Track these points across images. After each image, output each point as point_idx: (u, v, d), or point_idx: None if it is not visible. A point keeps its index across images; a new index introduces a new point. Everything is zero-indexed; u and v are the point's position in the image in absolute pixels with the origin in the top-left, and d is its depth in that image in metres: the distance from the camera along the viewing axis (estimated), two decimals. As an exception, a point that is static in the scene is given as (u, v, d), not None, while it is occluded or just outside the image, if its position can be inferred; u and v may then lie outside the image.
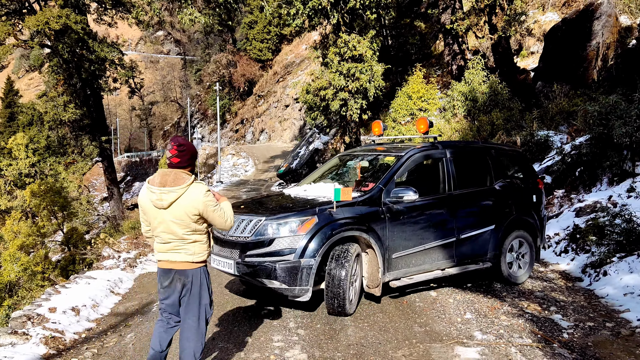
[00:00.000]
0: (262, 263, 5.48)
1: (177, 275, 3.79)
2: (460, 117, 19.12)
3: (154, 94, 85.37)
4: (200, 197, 3.66)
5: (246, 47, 56.79)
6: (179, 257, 3.76)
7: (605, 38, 16.00)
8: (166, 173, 3.70)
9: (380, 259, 5.83)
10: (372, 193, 6.01)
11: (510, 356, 4.70)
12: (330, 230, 5.55)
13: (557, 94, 15.56)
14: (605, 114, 9.39)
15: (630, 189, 8.66)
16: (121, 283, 7.80)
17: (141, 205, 3.82)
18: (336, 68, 16.08)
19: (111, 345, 5.25)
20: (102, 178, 33.15)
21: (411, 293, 6.59)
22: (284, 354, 4.82)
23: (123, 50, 24.05)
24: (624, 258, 7.07)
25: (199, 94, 69.67)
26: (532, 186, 7.41)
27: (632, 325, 5.51)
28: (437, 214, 6.42)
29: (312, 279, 5.45)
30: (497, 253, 6.84)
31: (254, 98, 55.80)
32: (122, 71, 23.81)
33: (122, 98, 73.58)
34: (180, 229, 3.69)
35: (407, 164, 6.42)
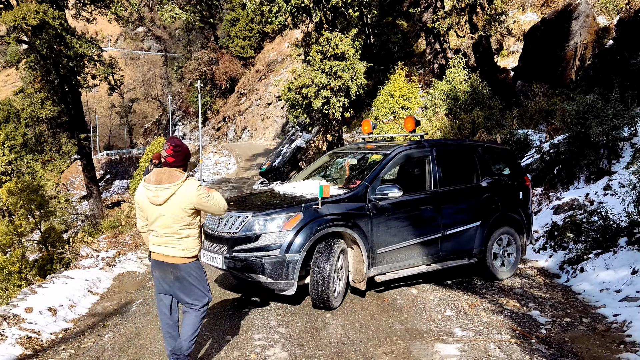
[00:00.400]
0: (249, 258, 5.61)
1: (170, 268, 4.03)
2: (441, 115, 19.25)
3: (135, 91, 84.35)
4: (193, 191, 3.94)
5: (228, 44, 56.45)
6: (172, 251, 4.00)
7: (583, 38, 16.24)
8: (161, 172, 3.96)
9: (365, 254, 5.96)
10: (358, 190, 6.12)
11: (489, 352, 4.75)
12: (315, 226, 5.68)
13: (536, 93, 15.76)
14: (582, 113, 9.53)
15: (607, 187, 8.80)
16: (99, 282, 7.69)
17: (138, 202, 4.07)
18: (318, 66, 16.06)
19: (88, 346, 5.18)
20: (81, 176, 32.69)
21: (395, 288, 6.62)
22: (265, 352, 4.80)
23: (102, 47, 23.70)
24: (600, 255, 7.19)
25: (180, 92, 69.05)
26: (519, 183, 7.53)
27: (608, 321, 5.61)
28: (422, 210, 6.54)
29: (297, 273, 5.57)
30: (482, 249, 6.97)
31: (236, 96, 55.51)
32: (101, 68, 23.49)
33: (101, 95, 72.65)
34: (176, 223, 3.95)
35: (392, 162, 6.53)
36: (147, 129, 77.50)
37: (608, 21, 18.78)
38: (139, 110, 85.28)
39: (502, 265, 7.29)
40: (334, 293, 5.83)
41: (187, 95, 63.50)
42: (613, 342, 5.05)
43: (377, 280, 6.24)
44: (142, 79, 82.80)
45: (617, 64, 13.20)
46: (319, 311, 5.86)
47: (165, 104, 70.55)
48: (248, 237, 5.69)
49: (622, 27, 14.27)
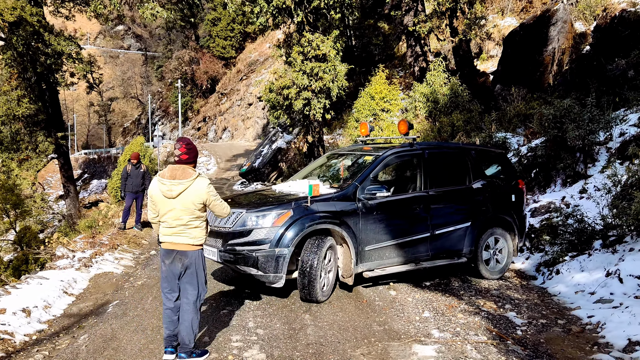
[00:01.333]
0: (242, 251, 5.93)
1: (178, 255, 4.47)
2: (422, 118, 19.38)
3: (114, 90, 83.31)
4: (204, 188, 4.44)
5: (209, 44, 56.10)
6: (181, 239, 4.45)
7: (560, 43, 16.51)
8: (175, 168, 4.43)
9: (352, 250, 6.22)
10: (348, 190, 6.40)
11: (466, 353, 4.79)
12: (304, 223, 5.97)
13: (514, 97, 15.97)
14: (559, 117, 9.68)
15: (583, 190, 8.95)
16: (75, 283, 7.56)
17: (152, 195, 4.49)
18: (299, 67, 16.04)
19: (63, 348, 5.08)
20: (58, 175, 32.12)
21: (373, 289, 6.63)
22: (243, 354, 4.77)
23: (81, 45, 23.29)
24: (576, 257, 7.30)
25: (160, 91, 68.37)
26: (511, 186, 7.68)
27: (583, 322, 5.70)
28: (411, 210, 6.74)
29: (285, 266, 5.86)
30: (472, 249, 7.16)
31: (216, 96, 55.17)
32: (79, 65, 23.09)
33: (79, 93, 71.56)
34: (186, 215, 4.40)
35: (383, 164, 6.79)
36: (126, 128, 76.55)
37: (585, 27, 19.13)
38: (118, 109, 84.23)
39: (493, 265, 7.45)
40: (321, 287, 6.07)
41: (167, 95, 62.90)
42: (587, 343, 5.13)
43: (364, 276, 6.46)
44: (122, 78, 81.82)
45: (593, 70, 13.45)
46: (298, 312, 5.85)
47: (145, 103, 69.81)
48: (241, 232, 6.01)
49: (599, 33, 14.54)
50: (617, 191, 7.47)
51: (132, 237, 11.51)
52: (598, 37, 14.52)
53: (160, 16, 17.79)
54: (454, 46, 20.45)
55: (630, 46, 11.52)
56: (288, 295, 6.49)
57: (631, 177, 7.25)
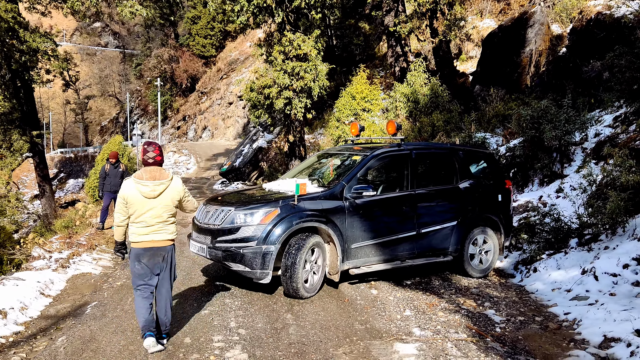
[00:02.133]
0: (229, 248, 6.11)
1: (159, 251, 4.82)
2: (402, 118, 19.51)
3: (91, 88, 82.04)
4: (180, 187, 4.92)
5: (189, 42, 55.59)
6: (161, 236, 4.82)
7: (538, 45, 16.77)
8: (153, 170, 4.76)
9: (339, 248, 6.36)
10: (335, 189, 6.55)
11: (446, 351, 4.84)
12: (291, 221, 6.11)
13: (493, 98, 16.17)
14: (537, 118, 9.85)
15: (559, 190, 9.12)
16: (52, 284, 7.43)
17: (127, 197, 4.71)
18: (280, 66, 16.01)
19: (41, 350, 5.00)
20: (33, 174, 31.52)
21: (355, 288, 6.66)
22: (225, 354, 4.75)
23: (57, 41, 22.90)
24: (553, 255, 7.44)
25: (139, 89, 67.55)
26: (498, 186, 7.80)
27: (559, 319, 5.81)
28: (398, 209, 6.87)
29: (272, 263, 6.00)
30: (458, 247, 7.29)
31: (196, 95, 54.75)
32: (55, 63, 22.68)
33: (55, 91, 70.38)
34: (166, 212, 4.81)
35: (370, 164, 6.93)
36: (104, 127, 75.48)
37: (562, 29, 19.46)
38: (96, 107, 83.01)
39: (478, 264, 7.57)
40: (305, 283, 6.21)
41: (146, 93, 62.18)
42: (564, 340, 5.23)
43: (351, 274, 6.59)
44: (99, 76, 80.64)
45: (569, 71, 13.70)
46: (280, 312, 5.85)
47: (123, 101, 68.93)
48: (229, 229, 6.18)
49: (575, 36, 14.82)
50: (593, 190, 7.63)
51: (111, 237, 11.36)
52: (574, 39, 14.80)
53: (139, 14, 17.60)
54: (434, 47, 20.64)
55: (605, 48, 11.76)
56: (270, 294, 6.48)
57: (606, 177, 7.41)
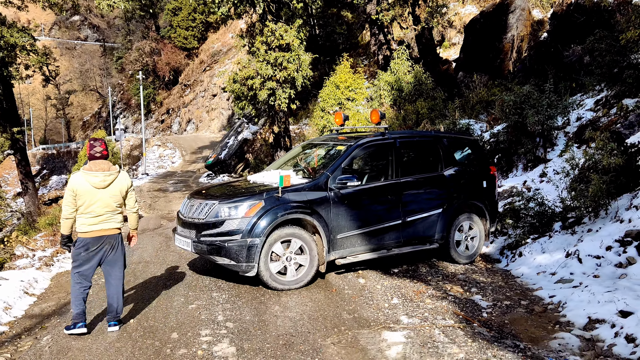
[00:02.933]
0: (214, 242, 6.14)
1: (108, 240, 5.15)
2: (387, 106, 19.51)
3: (71, 83, 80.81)
4: (127, 179, 5.29)
5: (170, 34, 54.96)
6: (110, 225, 5.15)
7: (519, 31, 16.84)
8: (101, 162, 5.10)
9: (324, 239, 6.38)
10: (319, 180, 6.56)
11: (434, 337, 4.87)
12: (276, 213, 6.13)
13: (477, 84, 16.23)
14: (519, 103, 9.90)
15: (543, 174, 9.20)
16: (36, 283, 7.34)
17: (77, 189, 4.98)
18: (263, 57, 15.89)
19: (26, 349, 4.94)
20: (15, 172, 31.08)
21: (342, 277, 6.67)
22: (212, 348, 4.73)
23: (35, 36, 22.46)
24: (537, 239, 7.51)
25: (121, 83, 66.73)
26: (483, 173, 7.82)
27: (545, 302, 5.87)
28: (383, 198, 6.88)
29: (257, 256, 6.04)
30: (444, 235, 7.30)
31: (180, 87, 54.25)
32: (34, 57, 22.31)
33: (35, 86, 69.25)
34: (114, 202, 5.13)
35: (354, 153, 6.93)
36: (86, 122, 74.55)
37: (542, 14, 19.55)
38: (77, 102, 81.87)
39: (465, 250, 7.61)
40: (282, 275, 6.27)
41: (128, 87, 61.44)
42: (549, 323, 5.29)
43: (337, 264, 6.61)
44: (80, 70, 79.40)
45: (551, 56, 13.77)
46: (267, 304, 5.84)
47: (105, 96, 68.07)
48: (214, 223, 6.20)
49: (556, 21, 14.89)
50: (575, 174, 7.71)
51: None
52: (555, 24, 14.87)
53: (117, 6, 17.33)
54: (417, 34, 20.63)
55: (585, 33, 11.83)
56: (257, 287, 6.47)
57: (588, 160, 7.48)
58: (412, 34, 21.05)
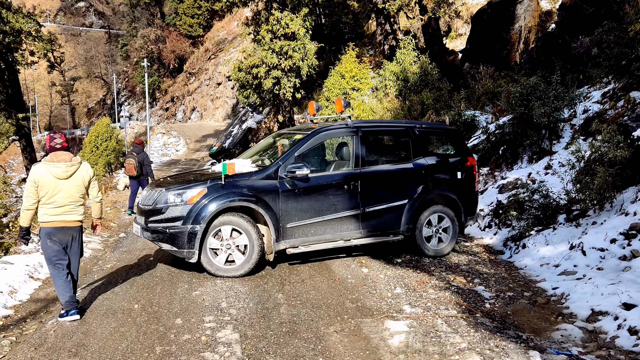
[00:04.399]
0: (157, 228, 6.30)
1: (70, 231, 5.25)
2: (392, 96, 19.44)
3: (76, 70, 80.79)
4: (90, 170, 5.38)
5: (176, 22, 54.76)
6: (72, 217, 5.24)
7: (527, 22, 16.70)
8: (62, 154, 5.18)
9: (272, 228, 6.41)
10: (269, 168, 6.56)
11: (436, 327, 4.89)
12: (219, 200, 6.20)
13: (483, 75, 16.14)
14: (526, 95, 9.84)
15: (548, 166, 9.16)
16: (41, 268, 7.39)
17: (39, 180, 5.05)
18: (269, 46, 15.84)
19: (31, 333, 4.98)
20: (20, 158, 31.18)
21: (352, 263, 6.69)
22: (216, 334, 4.76)
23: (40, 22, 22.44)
24: (541, 231, 7.50)
25: (125, 70, 66.65)
26: (458, 163, 7.62)
27: (548, 294, 5.87)
28: (339, 188, 6.79)
29: (197, 243, 6.14)
30: (410, 227, 7.16)
31: (184, 75, 54.14)
32: (39, 44, 22.29)
33: (40, 73, 69.31)
34: (77, 192, 5.24)
35: (310, 142, 6.84)
36: (91, 109, 74.60)
37: (551, 5, 19.38)
38: (82, 89, 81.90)
39: (437, 243, 7.42)
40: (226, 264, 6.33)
41: (133, 75, 61.35)
42: (552, 314, 5.30)
43: (288, 253, 6.62)
44: (85, 57, 79.35)
45: (558, 48, 13.67)
46: (271, 292, 5.87)
47: (110, 83, 68.01)
48: (159, 210, 6.34)
49: (564, 12, 14.75)
50: (581, 167, 7.67)
51: (103, 220, 11.27)
52: (563, 15, 14.74)
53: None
54: (423, 24, 20.49)
55: (594, 24, 11.72)
56: (261, 275, 6.49)
57: (594, 153, 7.44)
58: (419, 24, 20.90)
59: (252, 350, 4.45)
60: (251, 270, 6.40)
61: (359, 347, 4.50)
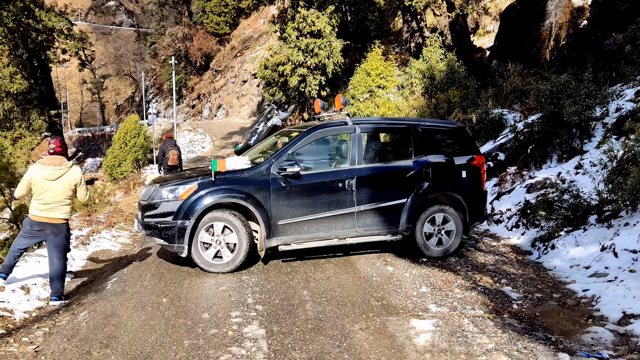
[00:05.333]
0: (150, 223, 6.48)
1: (50, 227, 5.81)
2: (418, 94, 19.30)
3: (106, 67, 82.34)
4: (78, 174, 5.88)
5: (203, 20, 55.33)
6: (55, 214, 5.79)
7: (558, 18, 16.39)
8: (54, 158, 5.78)
9: (262, 225, 6.45)
10: (261, 166, 6.61)
11: (463, 327, 4.85)
12: (208, 197, 6.32)
13: (511, 73, 15.90)
14: (556, 93, 9.65)
15: (578, 166, 8.99)
16: (73, 261, 7.57)
17: (32, 178, 5.70)
18: (294, 43, 15.88)
19: (63, 324, 5.11)
20: (52, 154, 31.92)
21: (377, 261, 6.69)
22: (242, 329, 4.82)
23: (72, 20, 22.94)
24: (571, 232, 7.36)
25: (153, 68, 67.65)
26: (463, 162, 7.36)
27: (578, 296, 5.77)
28: (334, 186, 6.73)
29: (187, 238, 6.28)
30: (410, 226, 7.01)
31: (211, 73, 54.66)
32: (71, 42, 22.82)
33: (72, 71, 70.74)
34: (62, 194, 5.77)
35: (305, 140, 6.83)
36: (120, 106, 75.96)
37: (582, 1, 18.95)
38: (111, 87, 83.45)
39: (438, 244, 7.23)
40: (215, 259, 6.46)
41: (160, 72, 62.24)
42: (582, 316, 5.20)
43: (279, 250, 6.65)
44: (114, 55, 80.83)
45: (590, 45, 13.37)
46: (296, 289, 5.90)
47: (139, 80, 69.12)
48: (153, 205, 6.50)
49: (596, 8, 14.42)
50: (613, 166, 7.50)
51: (129, 214, 11.51)
52: (595, 11, 14.40)
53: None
54: (451, 21, 20.27)
55: (627, 21, 11.43)
56: (286, 272, 6.53)
57: (627, 152, 7.27)
58: (446, 21, 20.69)
59: (278, 345, 4.49)
60: (239, 266, 6.51)
61: (384, 345, 4.50)
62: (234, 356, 4.30)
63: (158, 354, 4.36)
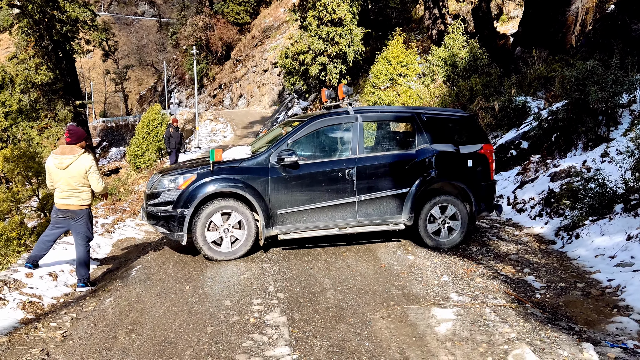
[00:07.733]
0: (151, 212, 6.65)
1: (70, 213, 5.98)
2: (439, 82, 19.09)
3: (129, 58, 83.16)
4: (87, 162, 5.97)
5: (223, 9, 55.44)
6: (72, 201, 5.96)
7: (584, 3, 15.99)
8: (64, 147, 5.97)
9: (261, 214, 6.54)
10: (260, 155, 6.69)
11: (484, 316, 4.83)
12: (206, 186, 6.45)
13: (535, 60, 15.59)
14: (582, 79, 9.46)
15: (604, 154, 8.81)
16: (99, 248, 7.73)
17: (48, 168, 5.99)
18: (315, 32, 15.83)
19: (90, 310, 5.24)
20: (77, 143, 32.45)
21: (398, 250, 6.69)
22: (264, 316, 4.87)
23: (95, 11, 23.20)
24: (596, 221, 7.25)
25: (175, 58, 68.13)
26: (469, 151, 7.25)
27: (602, 286, 5.69)
28: (334, 175, 6.73)
29: (186, 226, 6.42)
30: (413, 215, 6.94)
31: (232, 62, 54.84)
32: (95, 33, 23.11)
33: (95, 61, 71.68)
34: (74, 182, 5.90)
35: (305, 129, 6.86)
36: (143, 96, 76.75)
37: (610, -14, 18.44)
38: (134, 77, 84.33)
39: (443, 233, 7.15)
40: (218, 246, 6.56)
41: (182, 62, 62.68)
42: (607, 306, 5.14)
43: (279, 239, 6.70)
44: (137, 45, 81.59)
45: (617, 30, 13.03)
46: (317, 277, 5.94)
47: (161, 70, 69.71)
48: (155, 194, 6.65)
49: (625, -8, 14.01)
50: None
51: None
52: (624, -5, 14.00)
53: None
54: (473, 8, 19.94)
55: (657, 4, 11.10)
56: (307, 259, 6.57)
57: (655, 140, 7.10)
58: (468, 7, 20.35)
59: (299, 333, 4.53)
60: (246, 253, 6.65)
61: (405, 334, 4.51)
62: (256, 343, 4.36)
63: (182, 339, 4.44)
